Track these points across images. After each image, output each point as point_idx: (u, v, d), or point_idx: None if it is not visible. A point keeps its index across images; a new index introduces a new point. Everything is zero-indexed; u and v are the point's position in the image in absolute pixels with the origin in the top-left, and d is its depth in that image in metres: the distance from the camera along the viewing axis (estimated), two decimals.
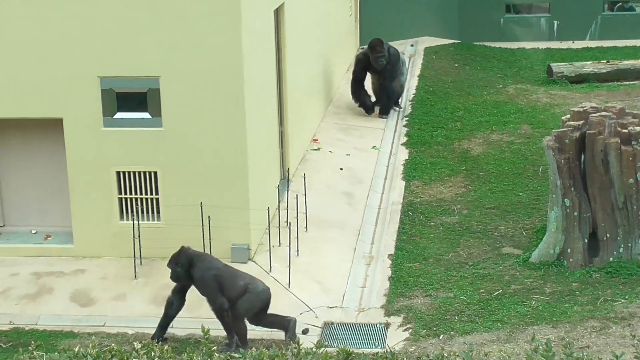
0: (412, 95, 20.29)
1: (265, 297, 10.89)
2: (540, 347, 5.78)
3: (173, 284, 11.72)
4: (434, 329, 11.18)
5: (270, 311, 11.06)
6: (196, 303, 11.71)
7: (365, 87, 19.29)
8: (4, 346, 10.93)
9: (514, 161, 16.63)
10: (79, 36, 12.12)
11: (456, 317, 11.39)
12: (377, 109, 19.23)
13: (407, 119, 19.00)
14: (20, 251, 12.79)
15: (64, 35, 12.14)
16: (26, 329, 11.43)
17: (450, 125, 18.56)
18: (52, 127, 12.61)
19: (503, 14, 25.13)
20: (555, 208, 12.54)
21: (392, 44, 21.42)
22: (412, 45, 24.57)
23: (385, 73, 18.88)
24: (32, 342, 6.28)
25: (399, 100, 19.61)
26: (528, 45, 24.52)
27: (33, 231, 13.02)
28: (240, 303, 10.72)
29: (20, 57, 12.24)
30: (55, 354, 6.06)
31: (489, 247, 13.49)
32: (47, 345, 10.66)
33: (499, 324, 11.09)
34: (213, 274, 10.74)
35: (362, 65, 19.10)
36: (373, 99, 19.36)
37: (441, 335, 10.99)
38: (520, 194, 15.30)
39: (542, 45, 24.56)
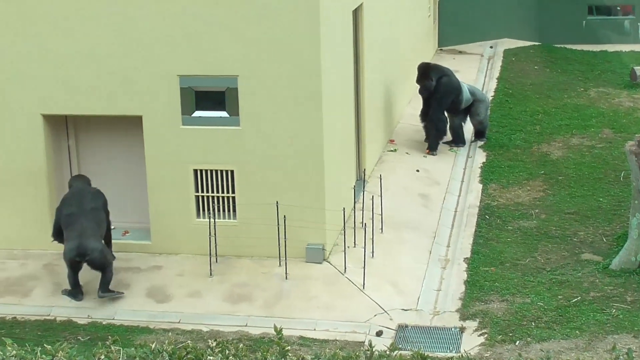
0: (491, 98, 20.08)
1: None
2: (621, 357, 5.66)
3: (249, 283, 11.77)
4: (510, 334, 11.03)
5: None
6: (270, 302, 11.73)
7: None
8: (82, 339, 11.08)
9: (595, 166, 16.35)
10: (159, 35, 12.24)
11: (533, 323, 11.22)
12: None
13: None
14: None
15: (146, 34, 12.26)
16: (103, 323, 11.57)
17: (529, 129, 18.34)
18: (131, 124, 12.75)
19: (585, 15, 24.75)
20: (637, 214, 12.28)
21: (471, 45, 21.05)
22: (491, 47, 24.36)
23: (434, 102, 16.98)
24: (110, 336, 6.31)
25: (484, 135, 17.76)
26: (611, 47, 24.12)
27: (112, 226, 13.17)
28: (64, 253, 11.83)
29: (102, 56, 12.39)
30: (132, 349, 6.08)
31: (568, 253, 13.27)
32: (123, 340, 10.74)
33: (577, 331, 10.90)
34: (61, 211, 11.97)
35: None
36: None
37: (517, 342, 10.84)
38: (601, 199, 15.03)
39: (626, 48, 24.13)
